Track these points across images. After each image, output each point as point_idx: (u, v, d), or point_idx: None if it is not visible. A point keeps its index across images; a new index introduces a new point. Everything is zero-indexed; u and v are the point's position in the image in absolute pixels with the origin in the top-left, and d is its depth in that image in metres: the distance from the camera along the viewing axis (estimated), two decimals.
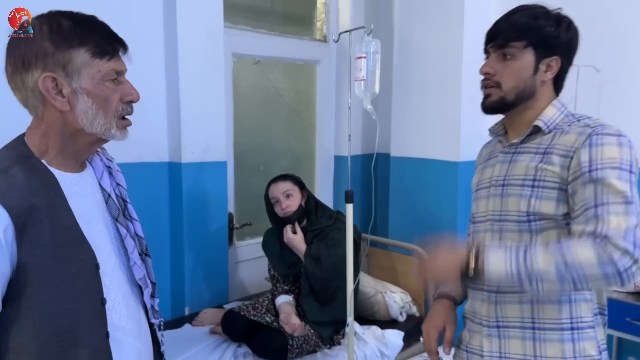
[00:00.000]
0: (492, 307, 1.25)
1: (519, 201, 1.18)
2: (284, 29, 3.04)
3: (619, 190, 1.06)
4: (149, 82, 2.39)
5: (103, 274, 1.06)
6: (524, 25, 1.18)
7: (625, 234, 1.02)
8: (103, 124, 1.02)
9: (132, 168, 2.36)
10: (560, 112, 1.22)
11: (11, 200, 0.93)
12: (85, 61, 0.99)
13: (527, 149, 1.22)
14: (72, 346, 1.01)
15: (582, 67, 2.36)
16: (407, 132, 2.97)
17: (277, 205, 2.28)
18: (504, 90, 1.21)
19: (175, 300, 2.59)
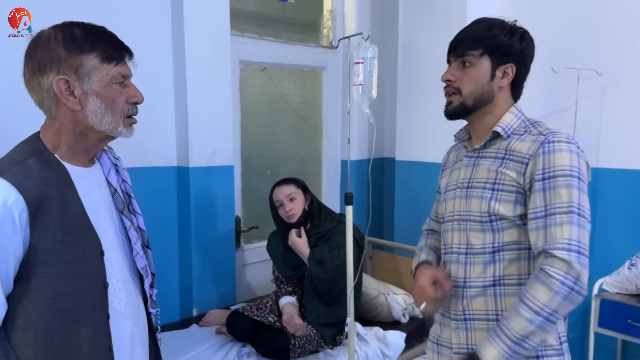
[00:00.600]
0: (460, 301, 1.33)
1: (481, 202, 1.28)
2: (291, 36, 3.10)
3: (566, 200, 1.16)
4: (157, 88, 2.47)
5: (107, 261, 1.16)
6: (480, 35, 1.29)
7: (568, 245, 1.13)
8: (111, 122, 1.13)
9: (142, 172, 2.45)
10: (517, 117, 1.31)
11: (27, 187, 1.03)
12: (95, 65, 1.09)
13: (488, 154, 1.31)
14: (75, 324, 1.10)
15: (582, 71, 2.38)
16: (412, 137, 3.00)
17: (281, 209, 2.33)
18: (463, 96, 1.30)
19: (184, 302, 2.65)
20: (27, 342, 1.07)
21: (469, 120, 1.38)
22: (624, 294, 2.26)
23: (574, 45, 2.51)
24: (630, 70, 2.40)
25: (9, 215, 1.02)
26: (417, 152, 2.98)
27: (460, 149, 1.44)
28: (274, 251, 2.42)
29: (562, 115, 2.55)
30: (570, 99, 2.49)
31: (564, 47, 2.50)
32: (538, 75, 2.58)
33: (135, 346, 1.24)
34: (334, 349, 2.24)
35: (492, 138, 1.32)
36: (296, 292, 2.37)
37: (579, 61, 2.43)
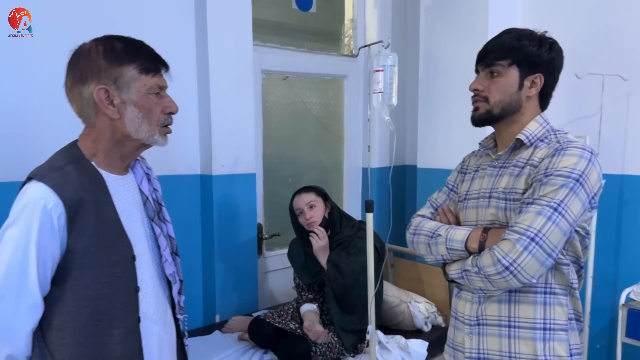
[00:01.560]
0: (475, 306, 1.35)
1: (497, 212, 1.31)
2: (312, 45, 3.14)
3: (550, 195, 1.19)
4: (182, 98, 2.46)
5: (138, 266, 1.20)
6: (509, 45, 1.31)
7: (525, 230, 1.18)
8: (147, 131, 1.18)
9: (166, 180, 2.47)
10: (542, 127, 1.33)
11: (65, 192, 1.09)
12: (134, 76, 1.15)
13: (511, 163, 1.33)
14: (108, 326, 1.15)
15: (607, 77, 2.35)
16: (433, 144, 3.00)
17: (301, 216, 2.35)
18: (491, 104, 1.33)
19: (207, 308, 2.68)
20: (61, 342, 1.12)
21: (496, 128, 1.40)
22: None
23: (598, 51, 2.48)
24: None
25: (48, 219, 1.07)
26: (439, 160, 2.97)
27: (483, 156, 1.46)
28: (295, 259, 2.44)
29: (587, 122, 2.52)
30: (595, 105, 2.45)
31: (588, 53, 2.47)
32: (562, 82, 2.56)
33: (164, 351, 1.27)
34: (355, 357, 2.23)
35: (516, 146, 1.34)
36: (317, 299, 2.38)
37: (603, 67, 2.40)
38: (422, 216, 1.52)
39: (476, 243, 1.30)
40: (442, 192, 1.56)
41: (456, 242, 1.33)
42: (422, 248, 1.43)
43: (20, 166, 1.89)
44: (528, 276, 1.18)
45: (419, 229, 1.45)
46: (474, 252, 1.30)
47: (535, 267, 1.18)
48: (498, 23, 2.67)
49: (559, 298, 1.28)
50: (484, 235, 1.29)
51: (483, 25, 2.67)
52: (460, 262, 1.33)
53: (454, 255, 1.34)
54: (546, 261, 1.18)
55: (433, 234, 1.40)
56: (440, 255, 1.37)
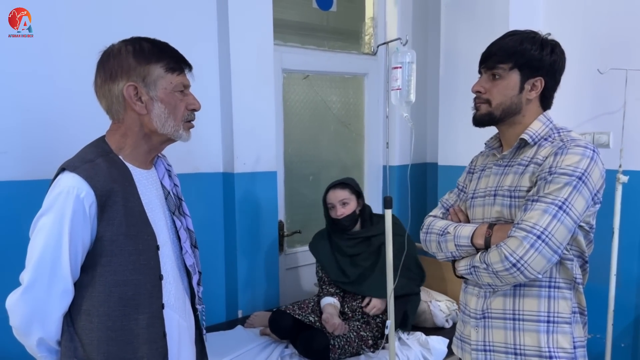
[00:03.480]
0: (481, 300, 1.40)
1: (502, 209, 1.35)
2: (333, 44, 3.16)
3: (555, 193, 1.22)
4: (204, 97, 2.50)
5: (161, 255, 1.26)
6: (511, 48, 1.34)
7: (531, 228, 1.21)
8: (173, 126, 1.24)
9: (189, 178, 2.55)
10: (545, 125, 1.37)
11: (97, 182, 1.15)
12: (160, 75, 1.22)
13: (516, 162, 1.37)
14: (134, 311, 1.20)
15: (630, 72, 2.32)
16: (454, 142, 2.99)
17: (332, 210, 2.42)
18: (492, 106, 1.38)
19: (229, 304, 2.73)
20: (90, 326, 1.17)
21: (499, 128, 1.45)
22: None
23: (622, 46, 2.43)
24: None
25: (80, 207, 1.13)
26: (460, 157, 2.96)
27: (489, 156, 1.51)
28: (320, 251, 2.48)
29: (610, 118, 2.48)
30: (618, 101, 2.42)
31: (610, 48, 2.43)
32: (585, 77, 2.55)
33: (183, 338, 1.32)
34: (376, 352, 2.25)
35: (520, 146, 1.38)
36: (338, 293, 2.41)
37: (626, 62, 2.36)
38: (434, 216, 1.57)
39: (482, 239, 1.34)
40: (453, 193, 1.61)
41: (463, 238, 1.38)
42: (433, 246, 1.48)
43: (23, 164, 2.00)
44: (535, 272, 1.23)
45: (430, 228, 1.51)
46: (480, 247, 1.35)
47: (541, 263, 1.22)
48: (519, 19, 2.66)
49: (563, 292, 1.32)
50: (489, 231, 1.34)
51: (503, 21, 2.66)
52: (469, 259, 1.37)
53: (462, 251, 1.39)
54: (552, 258, 1.22)
55: (443, 231, 1.45)
56: (450, 252, 1.42)
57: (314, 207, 3.17)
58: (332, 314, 2.24)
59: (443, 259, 1.47)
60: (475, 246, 1.36)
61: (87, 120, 1.65)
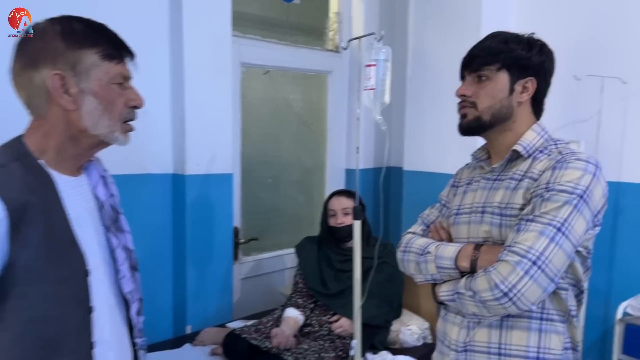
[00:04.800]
0: (464, 331, 1.24)
1: (491, 228, 1.19)
2: (295, 39, 2.96)
3: (553, 213, 1.07)
4: (153, 91, 2.31)
5: (91, 282, 1.03)
6: (496, 49, 1.21)
7: (525, 252, 1.06)
8: (107, 126, 1.02)
9: (135, 180, 2.31)
10: (540, 136, 1.22)
11: (9, 193, 0.92)
12: (95, 63, 1.00)
13: (507, 175, 1.22)
14: (54, 354, 0.98)
15: (607, 79, 2.24)
16: (421, 146, 2.86)
17: (333, 219, 2.28)
18: (479, 110, 1.22)
19: (177, 318, 2.49)
20: None
21: (487, 138, 1.29)
22: None
23: (598, 52, 2.36)
24: None
25: None
26: (427, 163, 2.83)
27: (477, 168, 1.35)
28: (306, 255, 2.33)
29: (584, 126, 2.40)
30: (593, 108, 2.34)
31: (586, 54, 2.35)
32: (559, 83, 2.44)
33: None
34: None
35: (512, 158, 1.23)
36: (306, 305, 2.24)
37: (602, 69, 2.28)
38: (412, 233, 1.40)
39: (467, 261, 1.18)
40: (434, 208, 1.45)
41: (446, 259, 1.22)
42: (411, 267, 1.31)
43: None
44: (529, 303, 1.07)
45: (409, 247, 1.33)
46: (465, 271, 1.19)
47: (536, 293, 1.06)
48: (491, 20, 2.55)
49: (556, 325, 1.17)
50: (475, 252, 1.18)
51: (475, 22, 2.54)
52: (452, 283, 1.21)
53: (444, 274, 1.22)
54: (548, 287, 1.07)
55: (423, 251, 1.28)
56: (430, 274, 1.25)
57: (272, 212, 2.97)
58: (283, 331, 2.06)
59: (422, 282, 1.30)
60: (460, 269, 1.20)
61: None
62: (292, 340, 2.05)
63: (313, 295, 2.25)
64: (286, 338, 2.03)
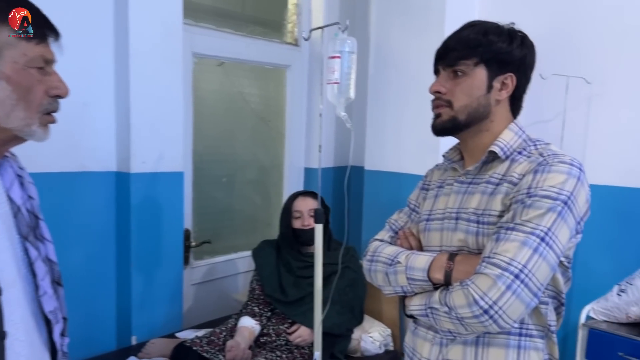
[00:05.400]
0: (437, 348, 1.14)
1: (466, 237, 1.10)
2: (252, 30, 2.80)
3: (536, 221, 0.99)
4: (95, 81, 2.12)
5: (5, 302, 0.87)
6: (474, 41, 1.10)
7: (507, 264, 0.96)
8: (23, 118, 0.87)
9: (73, 178, 2.10)
10: (518, 136, 1.13)
11: None
12: (9, 42, 0.87)
13: (483, 179, 1.13)
14: None
15: (572, 79, 2.20)
16: (383, 145, 2.76)
17: (298, 220, 2.14)
18: (455, 110, 1.12)
19: (121, 329, 2.29)
20: None
21: (461, 139, 1.19)
22: (613, 323, 2.07)
23: (563, 51, 2.32)
24: (621, 80, 2.22)
25: None
26: (388, 162, 2.74)
27: (448, 170, 1.24)
28: (264, 259, 2.18)
29: (547, 126, 2.36)
30: (556, 108, 2.30)
31: (552, 53, 2.30)
32: None
33: None
34: None
35: (488, 160, 1.13)
36: (263, 313, 2.10)
37: (568, 68, 2.24)
38: (380, 240, 1.28)
39: (441, 272, 1.08)
40: (402, 212, 1.34)
41: (417, 270, 1.11)
42: (379, 278, 1.19)
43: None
44: (510, 321, 0.98)
45: (376, 255, 1.22)
46: (439, 283, 1.08)
47: (519, 310, 0.97)
48: (455, 14, 2.47)
49: (535, 341, 1.10)
50: (449, 263, 1.08)
51: (439, 17, 2.46)
52: (424, 297, 1.10)
53: (415, 287, 1.12)
54: (531, 302, 0.98)
55: (392, 260, 1.17)
56: (400, 286, 1.14)
57: (227, 213, 2.81)
58: (238, 343, 1.91)
59: (391, 294, 1.18)
60: (433, 281, 1.09)
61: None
62: (247, 353, 1.90)
63: (270, 302, 2.11)
64: (242, 352, 1.88)
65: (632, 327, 2.02)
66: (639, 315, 1.99)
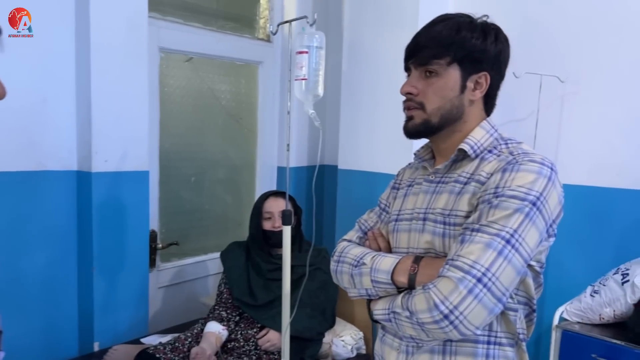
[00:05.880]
0: (402, 356, 1.09)
1: (433, 239, 1.05)
2: (222, 25, 2.72)
3: (501, 222, 0.94)
4: (53, 76, 2.03)
5: None
6: (447, 39, 1.05)
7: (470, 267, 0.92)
8: None
9: (31, 177, 2.01)
10: (489, 134, 1.09)
11: None
12: None
13: (452, 178, 1.08)
14: None
15: (545, 77, 2.18)
16: (356, 144, 2.71)
17: (269, 222, 2.05)
18: (428, 112, 1.07)
19: (83, 334, 2.20)
20: None
21: (433, 140, 1.14)
22: (586, 324, 2.06)
23: (537, 49, 2.30)
24: (595, 79, 2.20)
25: None
26: (362, 161, 2.69)
27: (419, 168, 1.19)
28: (232, 262, 2.10)
29: (520, 125, 2.34)
30: (529, 107, 2.28)
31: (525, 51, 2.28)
32: None
33: None
34: None
35: (458, 158, 1.08)
36: (231, 318, 2.03)
37: (541, 67, 2.22)
38: (348, 241, 1.23)
39: (405, 276, 1.03)
40: (373, 212, 1.28)
41: (382, 272, 1.06)
42: (345, 279, 1.14)
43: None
44: (472, 327, 0.92)
45: (343, 256, 1.16)
46: (403, 286, 1.03)
47: (481, 315, 0.92)
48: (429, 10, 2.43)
49: (505, 350, 1.04)
50: (414, 266, 1.03)
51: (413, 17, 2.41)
52: (388, 300, 1.05)
53: (379, 290, 1.07)
54: (495, 308, 0.93)
55: (358, 262, 1.11)
56: (365, 289, 1.09)
57: (196, 214, 2.72)
58: (204, 350, 1.83)
59: (356, 297, 1.13)
60: (397, 284, 1.04)
61: None
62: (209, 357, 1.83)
63: (239, 306, 2.03)
64: (207, 358, 1.81)
65: (605, 328, 2.00)
66: (612, 316, 1.98)
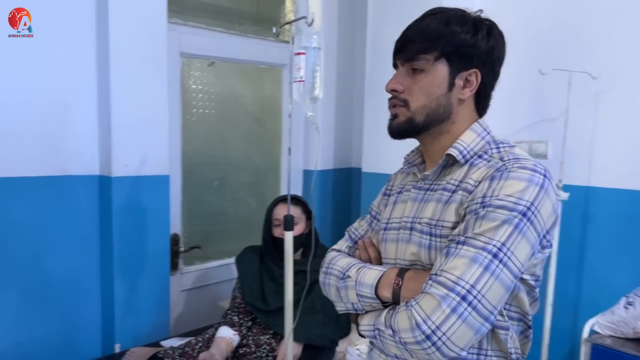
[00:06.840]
0: None
1: (419, 250, 0.98)
2: (245, 28, 2.72)
3: (488, 234, 0.86)
4: (76, 82, 2.09)
5: None
6: (435, 32, 0.98)
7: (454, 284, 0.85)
8: None
9: (54, 182, 2.07)
10: (480, 137, 1.01)
11: None
12: None
13: (440, 185, 1.01)
14: None
15: (575, 74, 2.04)
16: (378, 147, 2.64)
17: (278, 229, 2.03)
18: (412, 110, 1.00)
19: (106, 336, 2.25)
20: None
21: (421, 141, 1.07)
22: (619, 338, 1.91)
23: (565, 45, 2.16)
24: (630, 74, 2.05)
25: None
26: (385, 164, 2.61)
27: (410, 174, 1.12)
28: (246, 267, 2.09)
29: (550, 125, 2.21)
30: (560, 106, 2.14)
31: (553, 47, 2.15)
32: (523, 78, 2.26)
33: None
34: None
35: (447, 164, 1.01)
36: (243, 323, 2.02)
37: (570, 63, 2.08)
38: (337, 251, 1.17)
39: (389, 290, 0.96)
40: (364, 220, 1.22)
41: (366, 286, 1.00)
42: (332, 292, 1.08)
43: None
44: (456, 348, 0.85)
45: (330, 267, 1.10)
46: (387, 301, 0.97)
47: (466, 336, 0.84)
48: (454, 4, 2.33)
49: None
50: (398, 279, 0.96)
51: None
52: (373, 316, 0.99)
53: (365, 304, 1.01)
54: (482, 327, 0.85)
55: (344, 274, 1.05)
56: (351, 302, 1.03)
57: (219, 217, 2.74)
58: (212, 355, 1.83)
59: (343, 311, 1.07)
60: (381, 299, 0.98)
61: None
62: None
63: (251, 312, 2.02)
64: None
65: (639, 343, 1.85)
66: None
